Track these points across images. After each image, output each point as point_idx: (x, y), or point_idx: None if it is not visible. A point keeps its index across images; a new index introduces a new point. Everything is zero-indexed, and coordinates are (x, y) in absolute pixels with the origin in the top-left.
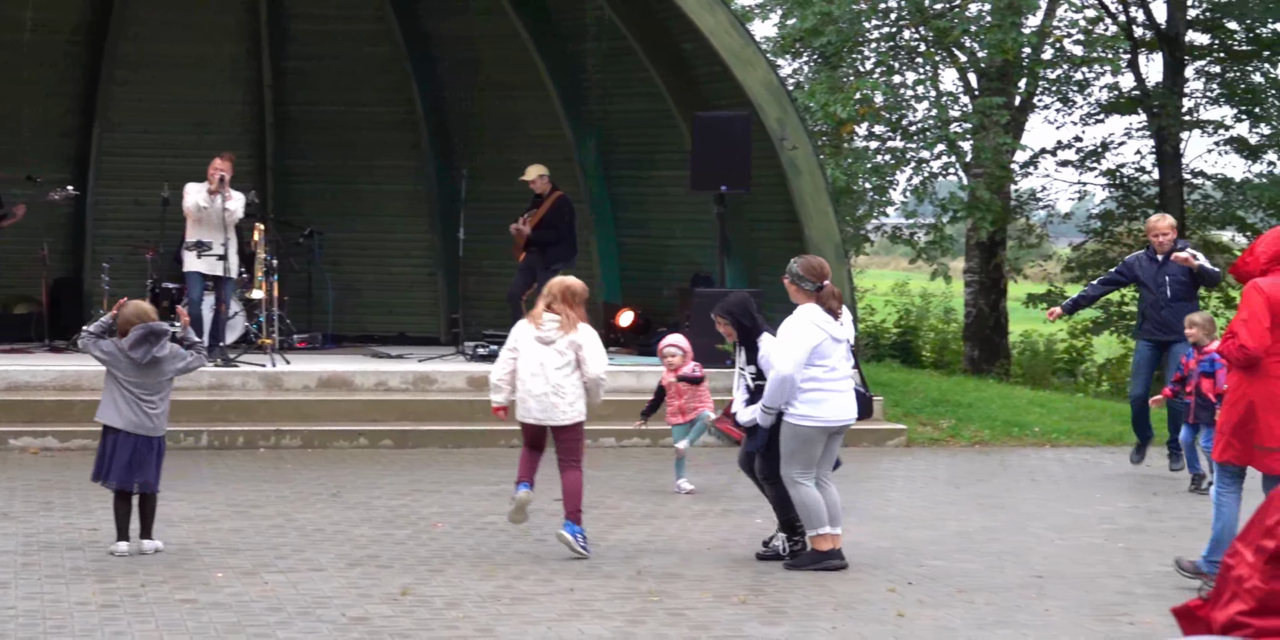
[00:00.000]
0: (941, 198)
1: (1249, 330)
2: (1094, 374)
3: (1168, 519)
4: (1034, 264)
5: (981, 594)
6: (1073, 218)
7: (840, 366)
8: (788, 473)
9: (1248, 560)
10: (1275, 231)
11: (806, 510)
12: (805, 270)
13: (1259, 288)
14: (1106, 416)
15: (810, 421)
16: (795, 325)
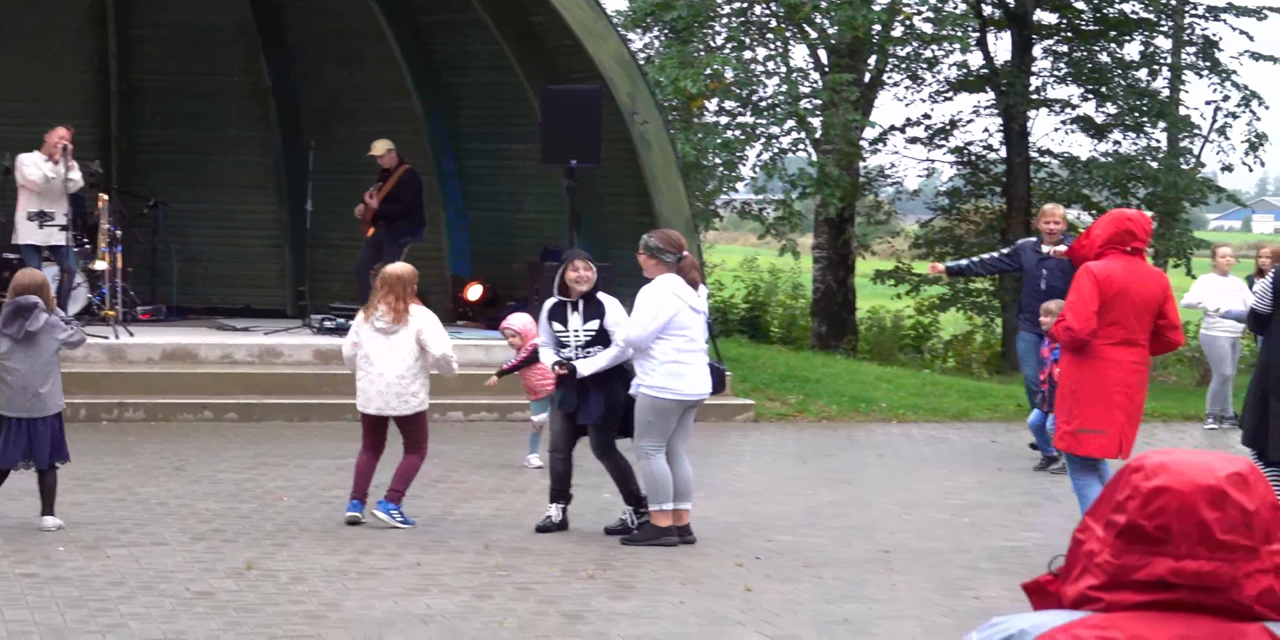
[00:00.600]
0: (791, 174)
1: (1075, 312)
2: (940, 350)
3: (1013, 494)
4: (882, 240)
5: (829, 568)
6: (921, 195)
7: (698, 339)
8: (641, 444)
9: (1098, 535)
10: (1112, 215)
11: (654, 484)
12: (663, 242)
13: (1090, 271)
14: (953, 393)
15: (669, 394)
16: (655, 294)
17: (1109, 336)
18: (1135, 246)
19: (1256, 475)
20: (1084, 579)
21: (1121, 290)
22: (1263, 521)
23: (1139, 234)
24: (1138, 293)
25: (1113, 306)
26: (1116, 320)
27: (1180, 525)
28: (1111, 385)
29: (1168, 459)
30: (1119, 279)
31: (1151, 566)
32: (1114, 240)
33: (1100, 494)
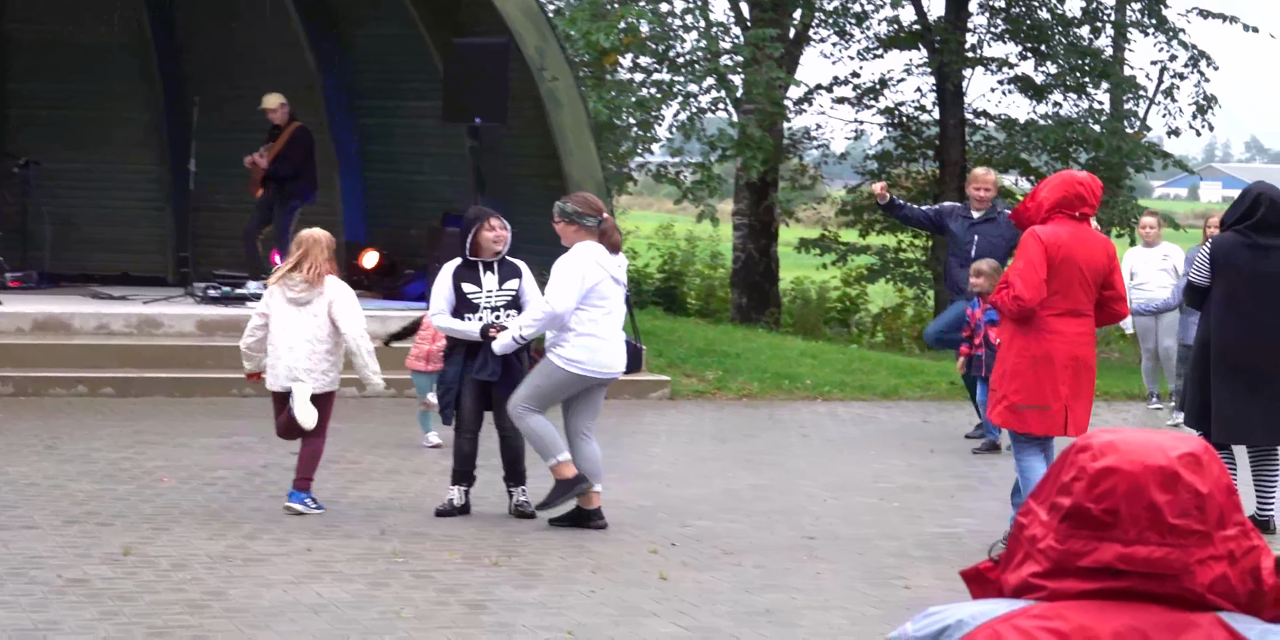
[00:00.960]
0: (710, 135)
1: (1024, 280)
2: (868, 324)
3: (945, 478)
4: (807, 206)
5: (749, 556)
6: (848, 158)
7: (617, 312)
8: (519, 403)
9: (1041, 519)
10: (1060, 176)
11: (541, 438)
12: (582, 205)
13: (1038, 236)
14: (882, 369)
15: (578, 368)
16: (575, 260)
17: (1053, 307)
18: (1084, 212)
19: (1210, 455)
20: (1026, 566)
21: (1068, 257)
22: (1216, 505)
23: (1089, 198)
24: (1085, 261)
25: (1059, 274)
26: (1062, 289)
27: (1129, 508)
28: (1057, 359)
29: (1116, 438)
30: (1066, 245)
31: (1098, 552)
32: (1062, 204)
33: (1044, 475)
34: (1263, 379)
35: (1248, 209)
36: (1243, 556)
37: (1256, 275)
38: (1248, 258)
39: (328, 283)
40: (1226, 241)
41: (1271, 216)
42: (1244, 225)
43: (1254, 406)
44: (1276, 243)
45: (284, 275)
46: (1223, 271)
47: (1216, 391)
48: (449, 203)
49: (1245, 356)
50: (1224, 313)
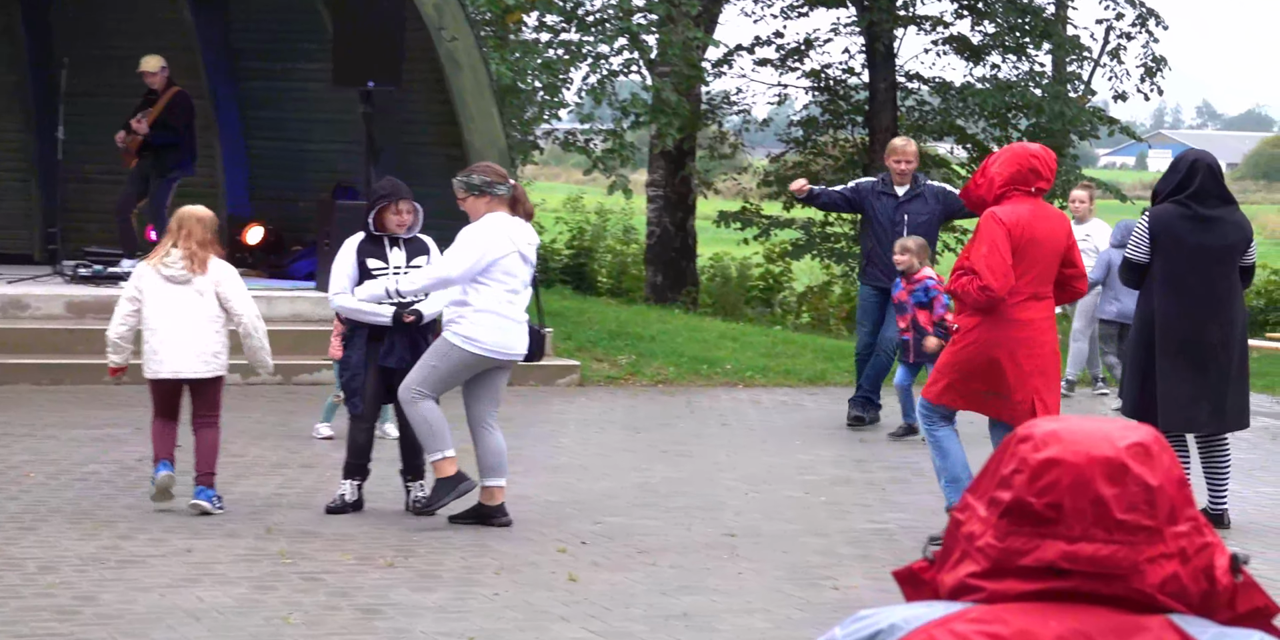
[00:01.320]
0: (622, 99)
1: (992, 267)
2: (793, 304)
3: (876, 469)
4: (726, 177)
5: (665, 555)
6: (771, 125)
7: (523, 292)
8: (411, 386)
9: (980, 515)
10: (1011, 150)
11: (430, 429)
12: (490, 174)
13: (998, 218)
14: (807, 352)
15: (478, 347)
16: (484, 230)
17: (1018, 293)
18: (1040, 187)
19: (1161, 445)
20: (963, 565)
21: (1032, 237)
22: (1167, 499)
23: (1044, 172)
24: (1046, 239)
25: (1024, 258)
26: (1026, 272)
27: (1074, 503)
28: (1021, 347)
29: (1060, 427)
30: (1027, 225)
31: (1041, 550)
32: (1016, 180)
33: (983, 468)
34: (1213, 361)
35: (1184, 178)
36: (1195, 554)
37: (1200, 249)
38: (1189, 230)
39: (213, 263)
40: (1165, 214)
41: (1211, 185)
42: (1182, 195)
43: (1205, 391)
44: (1217, 213)
45: (160, 255)
46: (1163, 246)
47: (1164, 376)
48: (340, 173)
49: (1193, 337)
50: (1167, 291)
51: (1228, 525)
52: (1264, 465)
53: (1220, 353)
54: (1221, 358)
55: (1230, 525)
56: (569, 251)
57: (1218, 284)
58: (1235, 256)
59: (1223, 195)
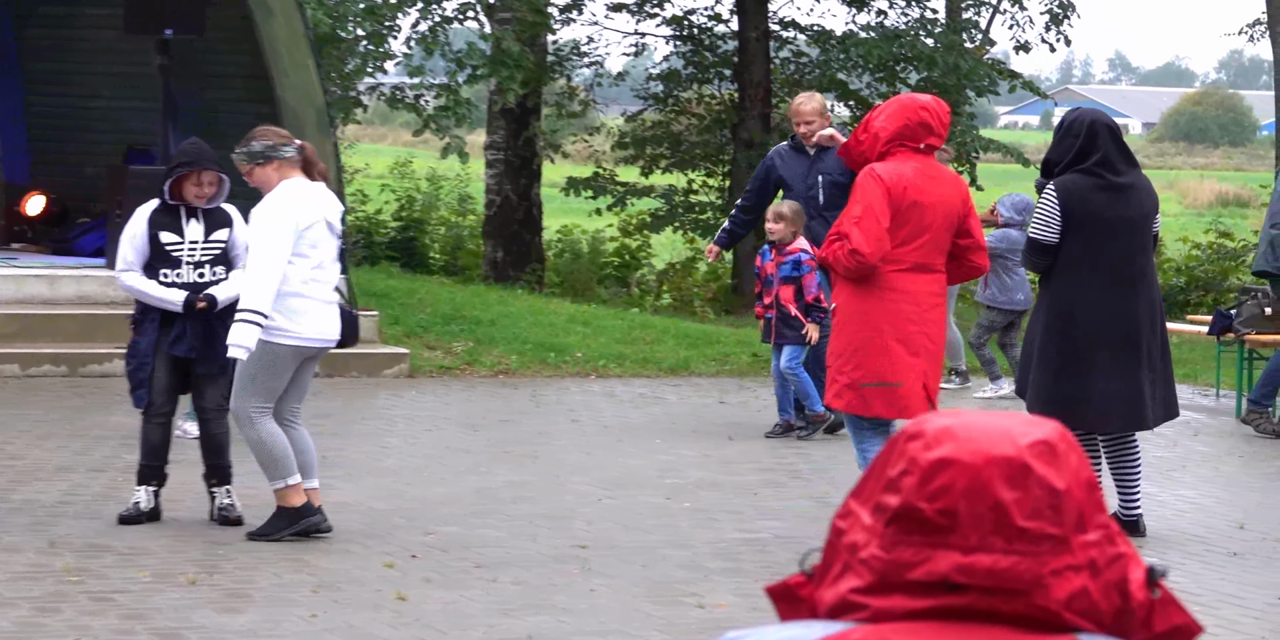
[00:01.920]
0: (457, 50)
1: (864, 230)
2: (652, 284)
3: (747, 471)
4: (576, 138)
5: (508, 570)
6: (627, 79)
7: (330, 267)
8: (242, 406)
9: (864, 523)
10: (898, 101)
11: (271, 454)
12: (270, 137)
13: (877, 175)
14: (669, 338)
15: (291, 338)
16: (283, 199)
17: (899, 260)
18: (930, 143)
19: (1068, 444)
20: (845, 580)
21: (917, 200)
22: (1075, 504)
23: (935, 126)
24: (936, 203)
25: (906, 222)
26: (909, 239)
27: (969, 508)
28: (906, 324)
29: (954, 423)
30: (912, 185)
31: (932, 562)
32: (903, 135)
33: (867, 469)
34: (1143, 346)
35: (1085, 143)
36: (1107, 566)
37: (1119, 222)
38: (1105, 202)
39: None
40: (1075, 186)
41: (1115, 149)
42: (1088, 163)
43: (1140, 381)
44: (1128, 180)
45: None
46: (1079, 222)
47: (1086, 369)
48: (133, 134)
49: (1121, 322)
50: (1087, 273)
51: (1143, 533)
52: (1183, 465)
53: (1149, 336)
54: (1151, 342)
55: (1146, 533)
56: (396, 224)
57: (1138, 259)
58: (1150, 226)
59: (1128, 158)
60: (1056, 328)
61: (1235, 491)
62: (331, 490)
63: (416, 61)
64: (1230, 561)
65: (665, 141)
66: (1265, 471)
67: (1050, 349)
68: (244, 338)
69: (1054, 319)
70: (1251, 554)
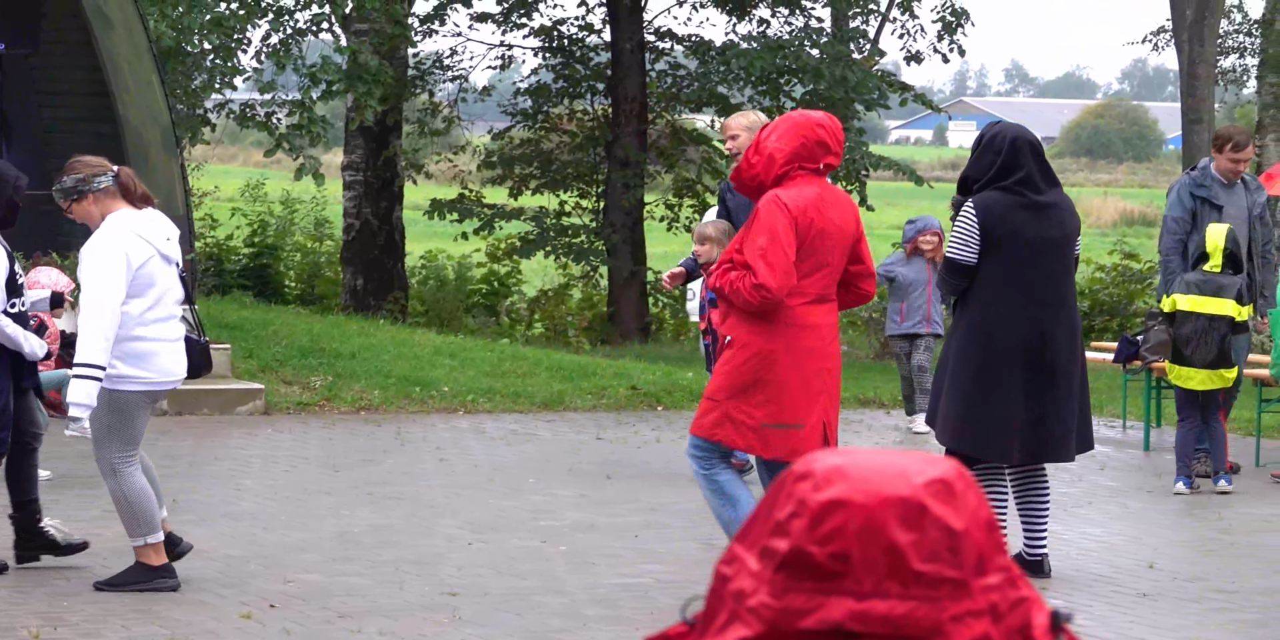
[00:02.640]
0: (311, 64)
1: (770, 264)
2: (523, 312)
3: (627, 512)
4: (440, 158)
5: (373, 619)
6: (494, 94)
7: (171, 301)
8: (104, 456)
9: (751, 568)
10: (791, 120)
11: (133, 509)
12: (81, 169)
13: (782, 203)
14: (541, 371)
15: (134, 385)
16: (110, 236)
17: (803, 293)
18: (829, 163)
19: (965, 482)
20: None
21: (821, 229)
22: (974, 545)
23: (832, 145)
24: (836, 229)
25: (812, 252)
26: (814, 270)
27: (863, 552)
28: (809, 361)
29: (845, 462)
30: (818, 213)
31: (825, 610)
32: (800, 155)
33: (753, 513)
34: (1062, 374)
35: (1006, 160)
36: (1009, 611)
37: (1041, 242)
38: (1026, 221)
39: None
40: (996, 204)
41: (1037, 166)
42: (1009, 181)
43: (1056, 410)
44: (1050, 199)
45: None
46: (1000, 242)
47: (1001, 397)
48: None
49: (1039, 347)
50: (1006, 295)
51: (1048, 573)
52: (1089, 501)
53: (1069, 363)
54: (1070, 370)
55: (1051, 573)
56: (249, 250)
57: (1060, 282)
58: (1072, 247)
59: (1049, 177)
60: (972, 353)
61: (1144, 528)
62: (184, 536)
63: (267, 77)
64: (1139, 603)
65: (535, 160)
66: (1175, 507)
67: (963, 375)
68: (83, 396)
69: (970, 343)
70: (1162, 595)
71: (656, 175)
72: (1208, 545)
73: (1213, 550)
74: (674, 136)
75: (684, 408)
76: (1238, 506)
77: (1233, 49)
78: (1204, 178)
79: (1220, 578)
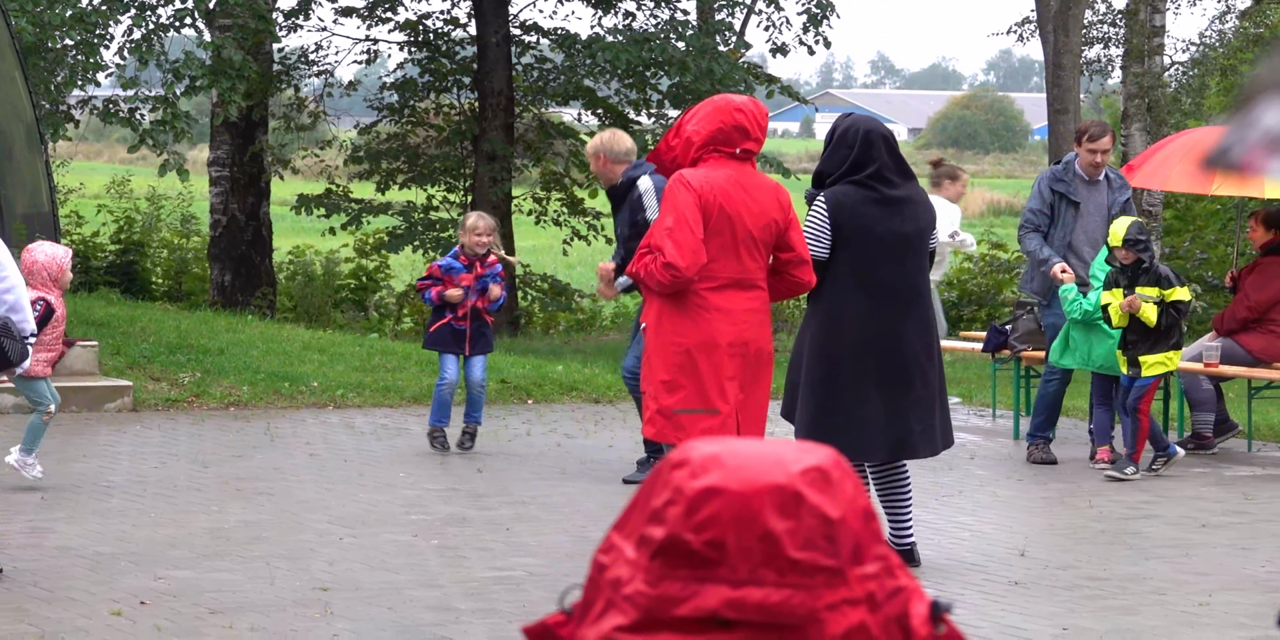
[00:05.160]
0: (174, 60)
1: (677, 242)
2: (392, 307)
3: (498, 505)
4: (307, 153)
5: (244, 615)
6: (360, 89)
7: None
8: None
9: (627, 556)
10: (713, 103)
11: None
12: None
13: (687, 182)
14: (411, 365)
15: None
16: None
17: (712, 277)
18: (747, 148)
19: (842, 470)
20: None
21: (730, 211)
22: (850, 534)
23: (752, 130)
24: (751, 213)
25: (718, 233)
26: (723, 253)
27: (739, 539)
28: (722, 345)
29: (722, 450)
30: (724, 194)
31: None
32: (717, 139)
33: (630, 501)
34: (916, 370)
35: (859, 154)
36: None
37: (892, 237)
38: (879, 216)
39: None
40: (847, 198)
41: (890, 160)
42: (861, 175)
43: (912, 407)
44: (903, 193)
45: None
46: (851, 237)
47: (859, 394)
48: None
49: (891, 344)
50: (856, 290)
51: (918, 563)
52: (959, 489)
53: (924, 359)
54: (925, 365)
55: (920, 563)
56: (115, 247)
57: (914, 277)
58: (926, 243)
59: (903, 170)
60: (824, 349)
61: (1015, 517)
62: (52, 533)
63: (130, 72)
64: (1012, 591)
65: (402, 155)
66: (1045, 495)
67: (817, 372)
68: None
69: (822, 340)
70: (1034, 583)
71: (524, 169)
72: (1078, 533)
73: (1083, 538)
74: (541, 130)
75: (554, 400)
76: (1108, 494)
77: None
78: (1065, 173)
79: (1091, 565)
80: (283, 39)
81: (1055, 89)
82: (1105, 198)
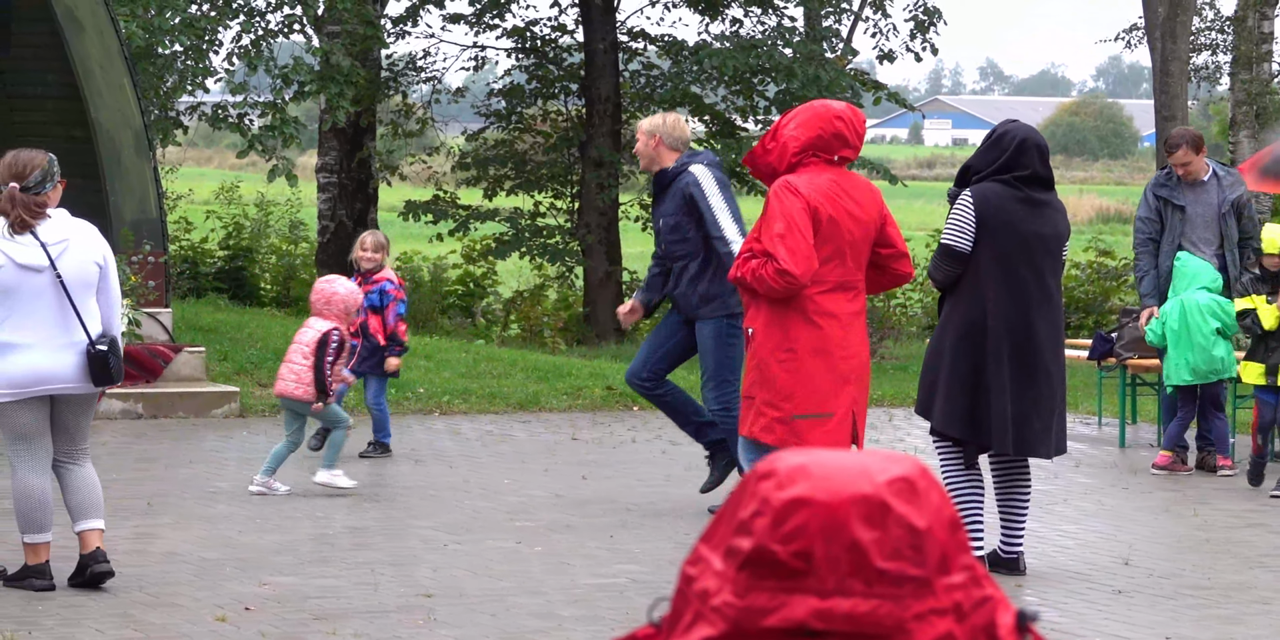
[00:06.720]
0: (283, 66)
1: (791, 248)
2: (499, 313)
3: (602, 512)
4: (414, 159)
5: (348, 621)
6: (468, 95)
7: (42, 309)
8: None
9: (715, 568)
10: (812, 109)
11: (25, 504)
12: None
13: (795, 189)
14: (517, 372)
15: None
16: None
17: (823, 280)
18: (845, 155)
19: (928, 481)
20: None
21: (835, 215)
22: (937, 544)
23: (850, 137)
24: (854, 216)
25: (828, 239)
26: (831, 257)
27: (826, 550)
28: (834, 348)
29: (809, 460)
30: (829, 199)
31: (788, 608)
32: (815, 146)
33: (717, 513)
34: (1043, 370)
35: (1011, 157)
36: (973, 610)
37: (1034, 237)
38: (1022, 215)
39: None
40: (994, 194)
41: (1041, 169)
42: (1009, 175)
43: (1038, 405)
44: (1047, 197)
45: None
46: (994, 231)
47: (998, 388)
48: None
49: (1025, 340)
50: (999, 285)
51: (1023, 571)
52: (1064, 498)
53: (1052, 360)
54: (1053, 366)
55: (1026, 571)
56: (224, 253)
57: (1048, 278)
58: (1062, 248)
59: (1048, 181)
60: (965, 343)
61: (1119, 525)
62: (158, 539)
63: (239, 78)
64: (1115, 600)
65: (509, 161)
66: (1150, 504)
67: (960, 366)
68: None
69: (963, 333)
70: (1137, 591)
71: (631, 175)
72: (1183, 541)
73: (1188, 546)
74: None
75: None
76: (1214, 503)
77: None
78: (1169, 178)
79: (1195, 574)
80: (391, 45)
81: (1163, 96)
82: (1214, 196)
